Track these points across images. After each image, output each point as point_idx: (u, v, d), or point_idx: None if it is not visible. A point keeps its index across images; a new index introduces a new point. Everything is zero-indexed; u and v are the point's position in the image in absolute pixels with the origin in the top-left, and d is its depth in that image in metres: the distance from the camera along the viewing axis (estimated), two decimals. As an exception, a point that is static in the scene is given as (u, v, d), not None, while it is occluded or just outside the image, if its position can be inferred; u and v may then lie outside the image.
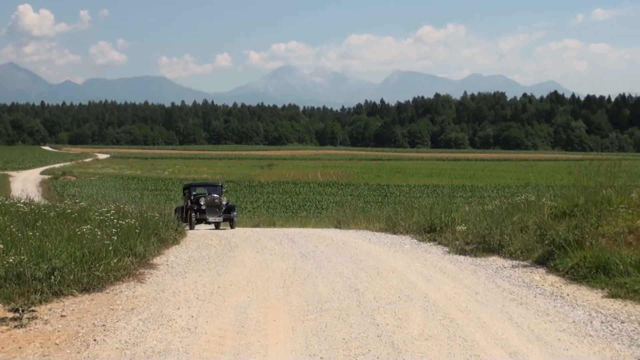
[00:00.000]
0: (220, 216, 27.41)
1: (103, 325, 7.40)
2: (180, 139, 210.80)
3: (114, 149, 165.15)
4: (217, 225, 28.30)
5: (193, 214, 26.92)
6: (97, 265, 9.64)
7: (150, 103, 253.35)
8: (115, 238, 11.04)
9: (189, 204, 27.83)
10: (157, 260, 12.29)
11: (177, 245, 14.72)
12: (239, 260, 12.38)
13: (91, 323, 7.51)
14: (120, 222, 12.48)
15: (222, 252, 13.56)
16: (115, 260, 10.19)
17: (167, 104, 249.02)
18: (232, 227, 27.48)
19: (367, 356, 6.28)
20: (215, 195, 28.23)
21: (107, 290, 9.29)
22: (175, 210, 27.73)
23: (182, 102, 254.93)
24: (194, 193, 29.10)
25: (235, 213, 27.93)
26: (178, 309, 8.23)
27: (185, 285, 9.77)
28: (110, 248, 10.42)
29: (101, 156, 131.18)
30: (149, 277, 10.47)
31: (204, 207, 27.21)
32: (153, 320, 7.65)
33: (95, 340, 6.85)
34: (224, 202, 27.85)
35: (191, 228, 25.67)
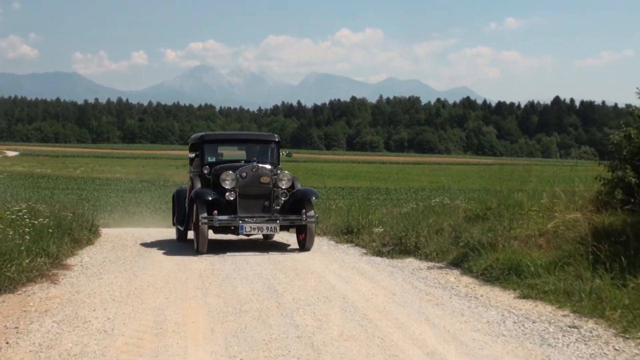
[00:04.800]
0: (276, 221, 12.92)
1: (16, 328, 7.19)
2: (93, 138, 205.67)
3: (23, 147, 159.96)
4: (266, 238, 15.01)
5: (203, 217, 12.40)
6: (9, 265, 9.34)
7: (62, 100, 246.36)
8: (27, 238, 10.75)
9: (198, 187, 13.60)
10: (70, 261, 11.99)
11: (91, 246, 14.37)
12: (156, 261, 12.20)
13: (3, 325, 7.28)
14: (32, 221, 12.13)
15: (138, 253, 13.34)
16: (27, 261, 9.90)
17: (80, 101, 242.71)
18: (304, 246, 13.48)
19: (287, 357, 6.30)
20: (264, 165, 13.48)
21: (19, 292, 9.02)
22: (174, 200, 15.96)
23: (96, 99, 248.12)
24: (210, 159, 14.24)
25: (313, 212, 13.41)
26: (94, 310, 8.07)
27: (101, 287, 9.58)
28: (22, 248, 10.12)
29: (10, 153, 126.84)
30: (62, 279, 10.22)
31: (232, 197, 12.86)
32: (68, 322, 7.47)
33: (7, 343, 6.64)
34: (284, 184, 13.35)
35: (198, 250, 12.61)
